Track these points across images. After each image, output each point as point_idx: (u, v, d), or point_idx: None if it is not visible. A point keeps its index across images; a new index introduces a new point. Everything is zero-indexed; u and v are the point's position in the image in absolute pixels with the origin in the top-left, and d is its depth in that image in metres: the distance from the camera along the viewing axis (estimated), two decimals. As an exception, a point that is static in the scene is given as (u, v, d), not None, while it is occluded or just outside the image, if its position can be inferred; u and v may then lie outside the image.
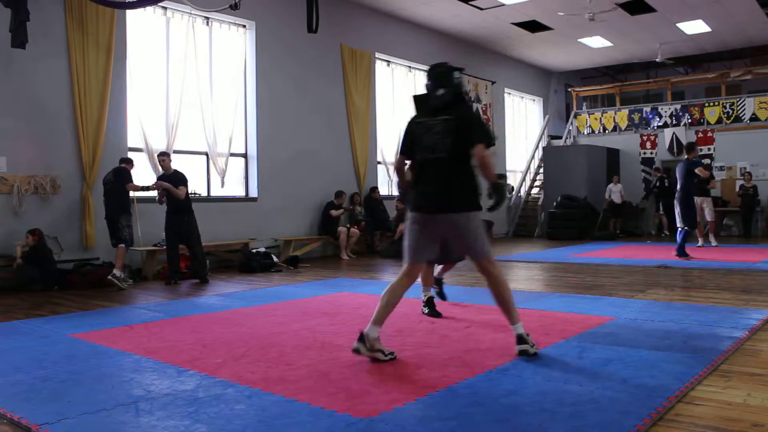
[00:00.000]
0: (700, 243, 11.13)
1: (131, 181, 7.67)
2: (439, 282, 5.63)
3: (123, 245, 7.53)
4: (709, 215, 11.18)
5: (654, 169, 15.32)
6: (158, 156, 8.09)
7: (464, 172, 3.75)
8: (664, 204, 14.68)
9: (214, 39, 10.03)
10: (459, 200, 3.73)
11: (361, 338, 3.73)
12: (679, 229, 9.29)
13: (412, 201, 3.91)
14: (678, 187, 9.45)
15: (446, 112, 3.77)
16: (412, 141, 3.89)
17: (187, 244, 7.92)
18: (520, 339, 3.79)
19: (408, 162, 4.02)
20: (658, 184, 14.85)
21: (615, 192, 14.92)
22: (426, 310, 5.18)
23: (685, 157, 9.59)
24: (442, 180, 3.73)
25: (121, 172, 7.63)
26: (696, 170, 9.49)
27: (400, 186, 4.16)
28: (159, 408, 2.99)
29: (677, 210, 9.41)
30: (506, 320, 3.87)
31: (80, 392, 3.27)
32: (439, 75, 3.87)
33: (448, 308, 5.43)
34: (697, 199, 11.05)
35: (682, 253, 9.16)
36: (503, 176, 3.88)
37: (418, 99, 4.05)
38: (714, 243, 11.20)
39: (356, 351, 3.73)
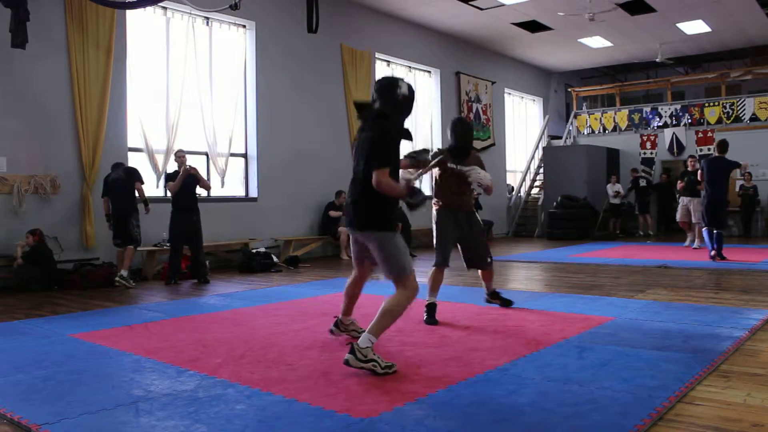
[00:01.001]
0: (696, 244, 11.09)
1: (143, 181, 7.76)
2: (495, 294, 5.61)
3: (133, 246, 7.59)
4: (696, 217, 10.73)
5: (631, 170, 15.37)
6: (176, 153, 8.02)
7: (373, 192, 3.60)
8: (641, 204, 14.78)
9: (214, 39, 10.03)
10: (365, 220, 3.70)
11: (336, 323, 4.40)
12: (717, 232, 9.00)
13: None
14: (714, 186, 8.86)
15: (369, 128, 3.72)
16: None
17: (192, 245, 7.89)
18: (352, 348, 3.47)
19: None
20: (630, 185, 14.97)
21: (612, 192, 14.96)
22: (424, 317, 5.08)
23: (716, 154, 9.01)
24: (354, 198, 3.74)
25: (133, 172, 7.72)
26: (743, 170, 9.08)
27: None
28: (159, 408, 2.99)
29: (712, 211, 8.91)
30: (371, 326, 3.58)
31: (80, 392, 3.27)
32: (380, 88, 3.81)
33: (448, 308, 5.43)
34: (684, 199, 10.96)
35: (721, 254, 8.96)
36: (415, 191, 3.73)
37: (356, 106, 3.97)
38: (697, 245, 10.85)
39: (331, 332, 4.40)
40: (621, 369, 3.50)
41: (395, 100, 3.75)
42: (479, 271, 5.47)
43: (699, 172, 9.22)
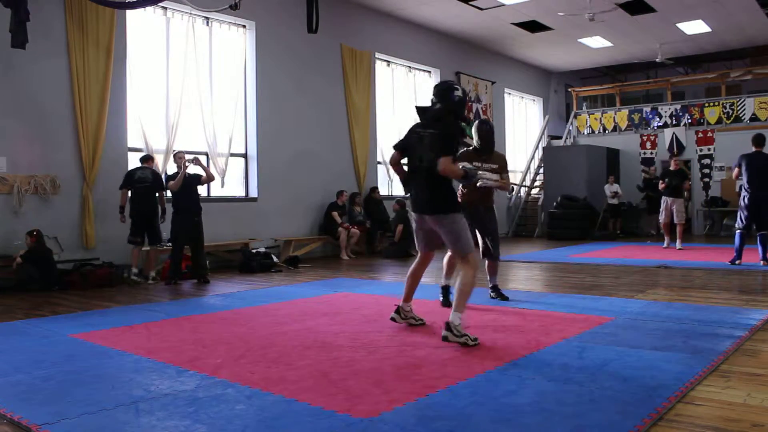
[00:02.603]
0: (666, 244, 11.13)
1: (165, 189, 8.04)
2: (496, 288, 6.02)
3: (157, 246, 8.05)
4: (678, 217, 10.77)
5: (652, 168, 15.31)
6: (176, 154, 8.01)
7: (444, 180, 4.29)
8: (652, 204, 14.72)
9: (214, 39, 10.03)
10: (438, 205, 4.33)
11: (397, 310, 4.76)
12: (762, 234, 8.37)
13: (410, 202, 4.52)
14: (755, 184, 8.23)
15: (434, 126, 4.33)
16: (406, 144, 4.48)
17: (195, 245, 7.89)
18: (448, 326, 4.19)
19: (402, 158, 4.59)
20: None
21: (610, 192, 14.91)
22: (441, 298, 5.67)
23: (754, 149, 8.36)
24: (425, 187, 4.35)
25: (159, 178, 8.05)
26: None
27: (400, 176, 4.68)
28: (159, 408, 2.99)
29: (755, 211, 8.30)
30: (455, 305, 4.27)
31: (80, 392, 3.26)
32: (439, 91, 4.43)
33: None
34: (668, 200, 10.89)
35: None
36: (468, 175, 4.42)
37: (418, 109, 4.59)
38: (679, 246, 10.77)
39: (393, 319, 4.76)
40: (621, 369, 3.50)
41: (453, 101, 4.38)
42: (486, 262, 5.87)
43: (735, 170, 8.60)
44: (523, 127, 18.14)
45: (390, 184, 13.17)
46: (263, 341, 4.37)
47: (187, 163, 7.77)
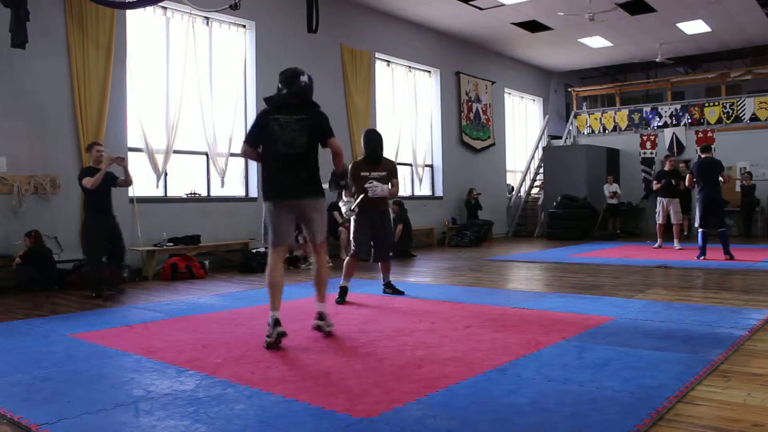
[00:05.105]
0: (657, 244, 11.17)
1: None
2: (390, 285, 6.43)
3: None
4: (674, 217, 10.85)
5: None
6: (94, 147, 6.97)
7: (315, 164, 4.45)
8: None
9: (214, 39, 10.03)
10: (313, 188, 4.43)
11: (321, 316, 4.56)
12: (721, 231, 9.19)
13: (270, 190, 4.38)
14: (707, 186, 9.03)
15: (298, 112, 4.40)
16: (263, 134, 4.43)
17: (115, 251, 6.99)
18: (320, 316, 4.53)
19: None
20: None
21: (609, 192, 14.88)
22: (338, 299, 5.90)
23: (703, 155, 9.28)
24: (300, 171, 4.36)
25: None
26: (721, 175, 9.07)
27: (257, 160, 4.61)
28: (159, 408, 2.99)
29: (709, 210, 9.08)
30: (318, 296, 4.60)
31: (80, 392, 3.26)
32: (286, 78, 4.57)
33: (447, 308, 5.43)
34: (663, 200, 10.96)
35: (729, 253, 9.10)
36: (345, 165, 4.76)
37: (267, 99, 4.66)
38: (678, 246, 10.80)
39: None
40: (621, 369, 3.50)
41: (300, 86, 4.54)
42: (380, 263, 6.27)
43: (688, 175, 9.42)
44: (523, 126, 18.15)
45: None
46: (263, 341, 4.36)
47: (109, 160, 6.78)
